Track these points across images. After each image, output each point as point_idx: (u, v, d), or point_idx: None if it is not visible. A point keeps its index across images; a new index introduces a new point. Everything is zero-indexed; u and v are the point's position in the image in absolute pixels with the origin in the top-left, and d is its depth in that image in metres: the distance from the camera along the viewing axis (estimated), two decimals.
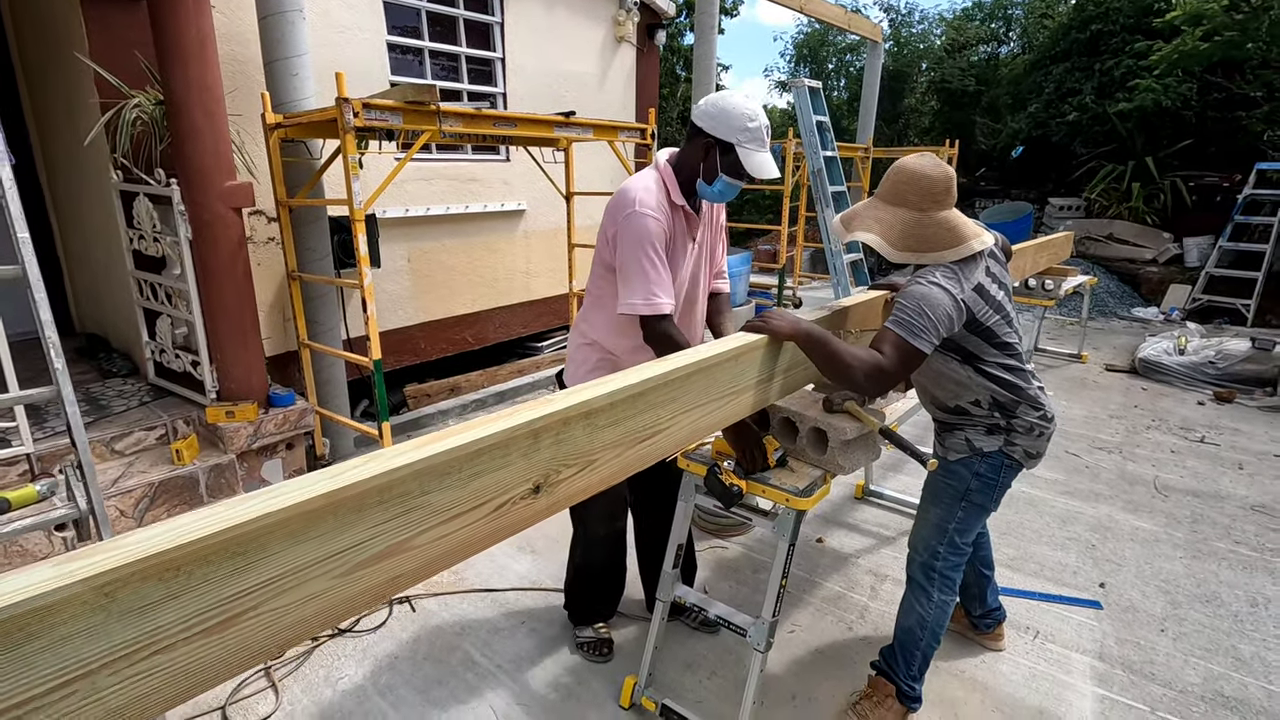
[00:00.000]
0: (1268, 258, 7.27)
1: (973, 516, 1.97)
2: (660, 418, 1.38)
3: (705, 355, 1.45)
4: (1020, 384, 1.86)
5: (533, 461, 1.14)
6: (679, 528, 2.09)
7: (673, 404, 1.41)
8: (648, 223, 1.80)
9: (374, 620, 2.52)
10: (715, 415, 1.56)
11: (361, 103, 2.74)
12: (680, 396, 1.42)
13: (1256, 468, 3.95)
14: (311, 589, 0.88)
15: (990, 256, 1.86)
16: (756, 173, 1.83)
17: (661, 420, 1.38)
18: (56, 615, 0.66)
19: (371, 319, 2.94)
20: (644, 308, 1.79)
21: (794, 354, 1.73)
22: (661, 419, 1.38)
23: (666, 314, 1.81)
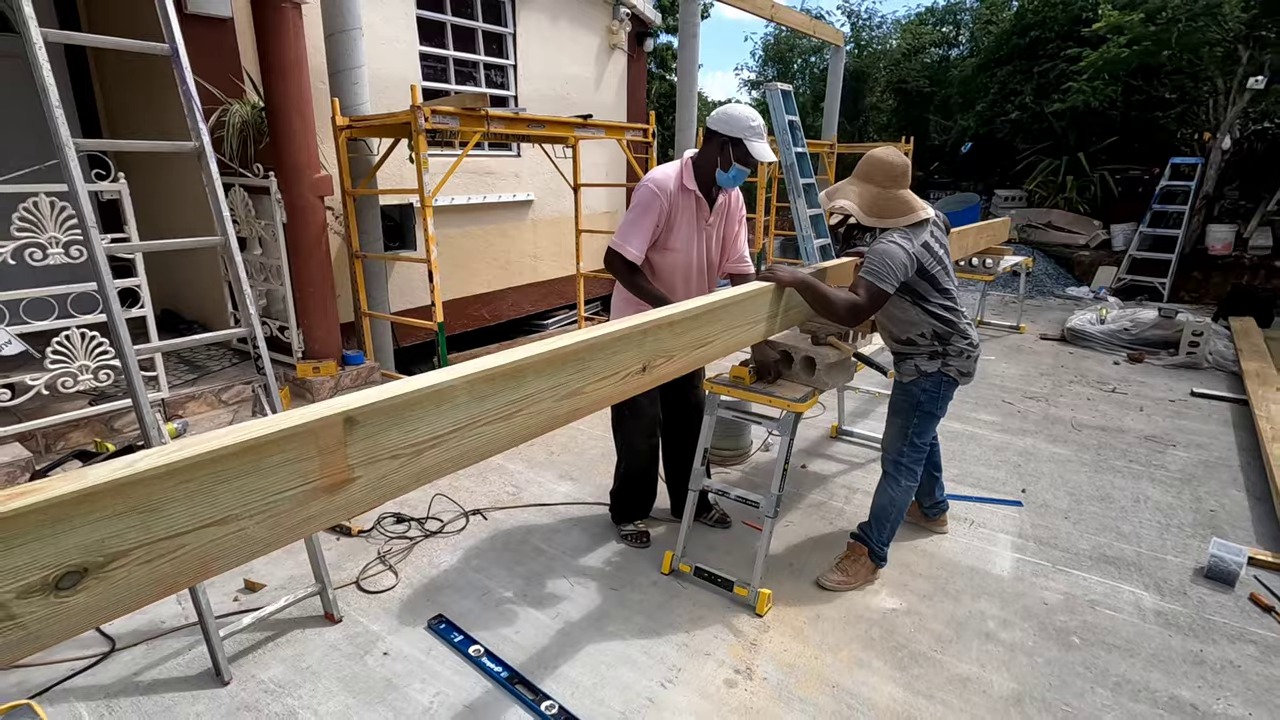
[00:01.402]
0: (1180, 241, 8.27)
1: (926, 422, 2.68)
2: (711, 332, 2.06)
3: (735, 294, 2.13)
4: (954, 319, 2.58)
5: (642, 350, 1.81)
6: (705, 435, 2.77)
7: (718, 324, 2.09)
8: (645, 193, 2.54)
9: (456, 526, 3.15)
10: (743, 335, 2.24)
11: (431, 109, 3.34)
12: (722, 319, 2.10)
13: (1153, 410, 4.81)
14: (543, 405, 1.53)
15: (934, 224, 2.57)
16: (760, 157, 2.55)
17: (712, 334, 2.06)
18: (451, 395, 1.31)
19: (436, 289, 3.55)
20: (618, 242, 2.53)
21: (791, 297, 2.41)
22: (712, 333, 2.06)
23: (624, 256, 2.52)
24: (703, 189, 2.63)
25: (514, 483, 3.60)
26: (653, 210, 2.52)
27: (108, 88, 4.39)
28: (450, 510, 3.28)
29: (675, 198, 2.58)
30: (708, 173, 2.61)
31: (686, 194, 2.61)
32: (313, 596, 2.47)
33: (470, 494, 3.45)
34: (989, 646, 2.42)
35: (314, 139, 3.41)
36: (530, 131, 3.95)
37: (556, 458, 3.91)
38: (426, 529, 3.11)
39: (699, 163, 2.62)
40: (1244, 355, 5.56)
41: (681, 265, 2.69)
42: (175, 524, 1.00)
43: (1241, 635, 2.49)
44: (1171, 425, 4.53)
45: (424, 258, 3.52)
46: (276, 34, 3.15)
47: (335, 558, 2.89)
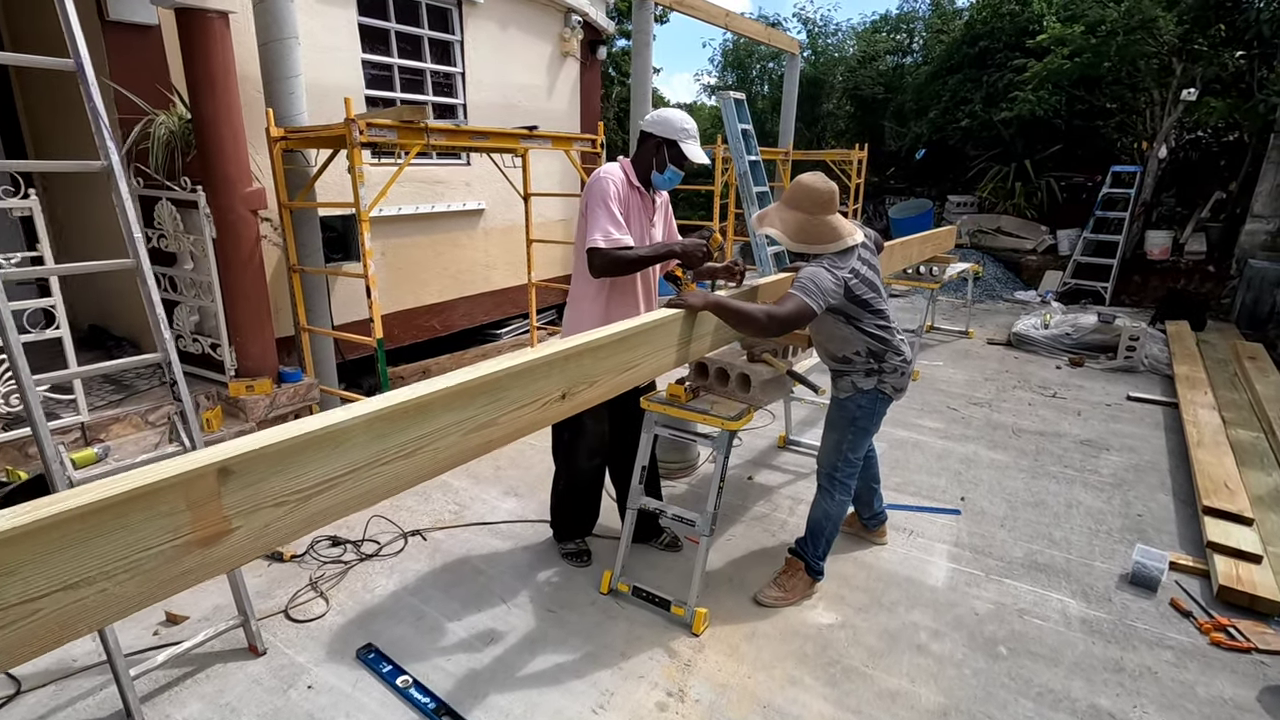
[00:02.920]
0: (1120, 247, 8.55)
1: (860, 437, 2.71)
2: (635, 356, 2.05)
3: (656, 319, 2.13)
4: (887, 338, 2.61)
5: (560, 378, 1.79)
6: (643, 452, 2.76)
7: (643, 347, 2.09)
8: (607, 183, 2.51)
9: (393, 548, 3.09)
10: (668, 358, 2.24)
11: (366, 121, 3.28)
12: (648, 343, 2.10)
13: (1090, 414, 4.96)
14: (451, 440, 1.50)
15: (863, 247, 2.60)
16: (696, 159, 2.60)
17: (636, 358, 2.06)
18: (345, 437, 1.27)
19: (374, 303, 3.47)
20: (603, 241, 2.43)
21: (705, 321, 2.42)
22: (636, 357, 2.05)
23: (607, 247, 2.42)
24: (644, 186, 2.66)
25: (457, 500, 3.55)
26: (611, 196, 2.50)
27: (32, 105, 4.22)
28: (389, 531, 3.22)
29: (626, 191, 2.58)
30: (645, 173, 2.64)
31: (634, 190, 2.63)
32: (236, 629, 2.39)
33: (411, 514, 3.39)
34: (920, 659, 2.46)
35: (245, 151, 3.31)
36: (474, 144, 3.90)
37: (503, 472, 3.87)
38: (362, 552, 3.04)
39: (636, 163, 2.65)
40: (1176, 359, 5.76)
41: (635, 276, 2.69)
42: (30, 588, 0.95)
43: (1160, 641, 2.58)
44: (1106, 429, 4.67)
45: (361, 272, 3.45)
46: (202, 45, 3.06)
47: (264, 584, 2.81)
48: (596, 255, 2.45)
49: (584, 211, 2.54)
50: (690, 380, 2.85)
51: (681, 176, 2.68)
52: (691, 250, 2.50)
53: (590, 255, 2.46)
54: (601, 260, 2.45)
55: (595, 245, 2.44)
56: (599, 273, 2.48)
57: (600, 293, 2.66)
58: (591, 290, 2.67)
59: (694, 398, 2.71)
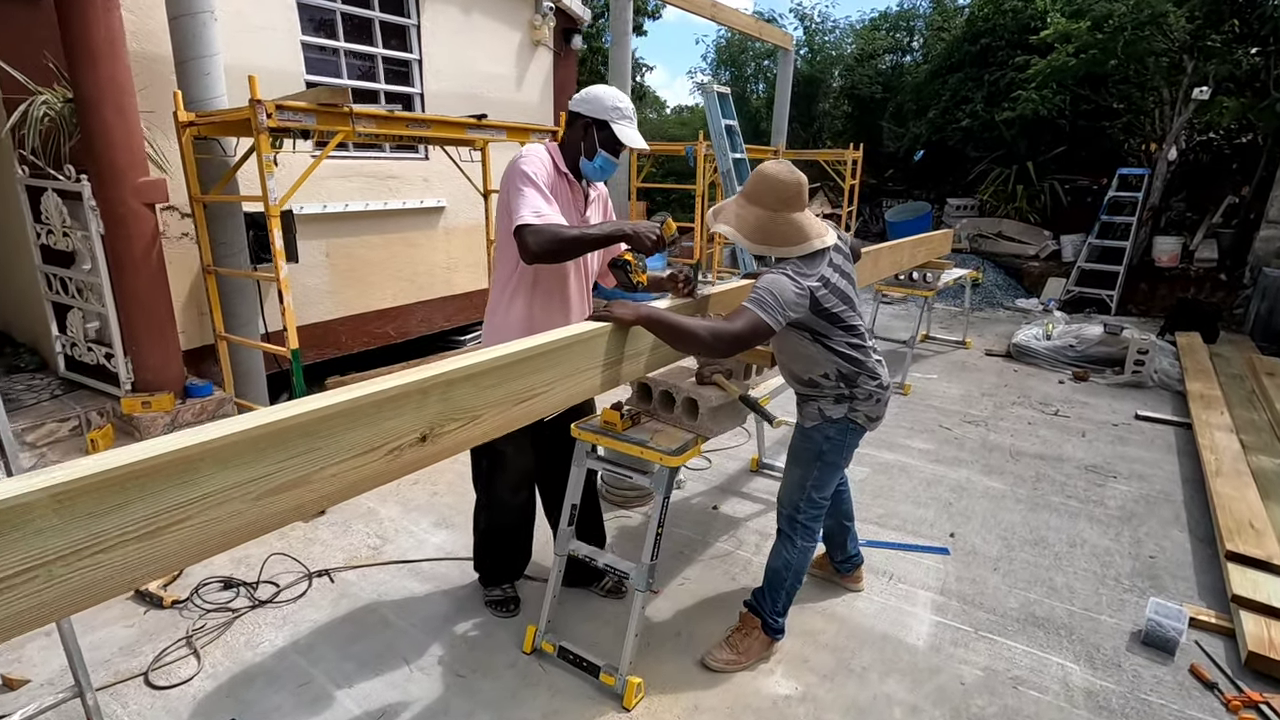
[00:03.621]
0: (1127, 253, 8.14)
1: (827, 474, 2.31)
2: (537, 383, 1.65)
3: (566, 335, 1.72)
4: (861, 358, 2.20)
5: (422, 414, 1.39)
6: (573, 489, 2.36)
7: (552, 370, 1.68)
8: (530, 163, 2.10)
9: (294, 591, 2.69)
10: (588, 382, 1.84)
11: (275, 104, 2.88)
12: (557, 365, 1.70)
13: (1095, 434, 4.55)
14: (230, 509, 1.10)
15: (836, 251, 2.20)
16: (629, 143, 2.19)
17: (538, 385, 1.65)
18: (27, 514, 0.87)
19: (288, 310, 3.08)
20: (531, 216, 1.98)
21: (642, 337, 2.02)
22: (538, 384, 1.65)
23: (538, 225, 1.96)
24: (574, 175, 2.27)
25: (381, 532, 3.15)
26: (540, 178, 2.08)
27: None
28: (293, 571, 2.82)
29: (553, 178, 2.18)
30: (574, 160, 2.24)
31: (561, 176, 2.23)
32: (72, 699, 1.99)
33: (324, 549, 2.99)
34: None
35: (138, 136, 2.92)
36: (411, 132, 3.50)
37: (439, 499, 3.47)
38: (256, 597, 2.64)
39: (564, 147, 2.26)
40: (1189, 375, 5.35)
41: (562, 267, 2.28)
42: None
43: None
44: (1113, 452, 4.26)
45: (272, 275, 3.05)
46: (80, 12, 2.67)
47: (133, 637, 2.41)
48: (530, 234, 1.95)
49: (504, 197, 2.13)
50: (631, 404, 2.45)
51: (616, 166, 2.28)
52: (644, 233, 2.08)
53: (521, 236, 1.96)
54: (537, 239, 1.95)
55: (526, 222, 1.98)
56: (535, 255, 1.98)
57: (521, 297, 2.26)
58: (508, 294, 2.27)
59: (633, 425, 2.31)
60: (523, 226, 1.99)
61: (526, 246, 1.98)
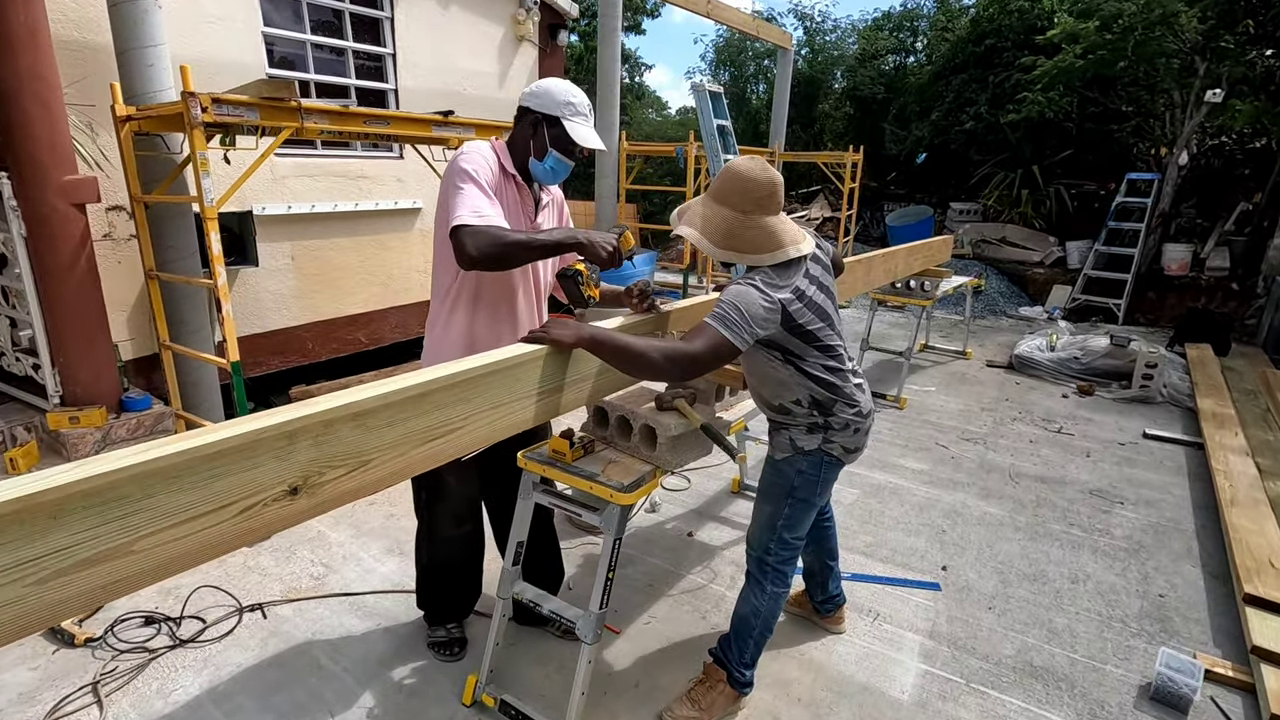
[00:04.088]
0: (1135, 261, 7.87)
1: (800, 512, 2.07)
2: (451, 417, 1.41)
3: (489, 361, 1.49)
4: (838, 383, 1.97)
5: (289, 463, 1.16)
6: (518, 525, 2.13)
7: (465, 404, 1.45)
8: (471, 160, 1.87)
9: (221, 628, 2.46)
10: (517, 415, 1.61)
11: (211, 98, 2.66)
12: (473, 397, 1.46)
13: (1101, 454, 4.29)
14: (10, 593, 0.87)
15: (814, 261, 1.96)
16: (583, 142, 1.95)
17: (453, 420, 1.42)
18: None
19: (228, 319, 2.85)
20: (470, 217, 1.74)
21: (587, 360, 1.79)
22: (453, 418, 1.42)
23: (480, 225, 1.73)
24: (524, 177, 2.03)
25: (327, 559, 2.92)
26: (482, 176, 1.85)
27: None
28: (224, 605, 2.59)
29: (498, 179, 1.95)
30: (522, 160, 2.01)
31: (508, 178, 1.99)
32: None
33: (261, 578, 2.76)
34: None
35: (64, 131, 2.71)
36: (370, 129, 3.28)
37: (395, 521, 3.24)
38: (178, 636, 2.41)
39: (512, 146, 2.03)
40: (1199, 390, 5.09)
41: (508, 278, 2.05)
42: None
43: None
44: (1120, 475, 4.01)
45: (209, 281, 2.83)
46: None
47: (36, 681, 2.19)
48: (467, 236, 1.71)
49: (442, 198, 1.89)
50: (586, 430, 2.22)
51: (569, 168, 2.05)
52: (599, 242, 1.85)
53: (458, 238, 1.72)
54: (476, 242, 1.71)
55: (464, 223, 1.74)
56: (473, 261, 1.72)
57: (462, 311, 2.03)
58: (447, 307, 2.05)
59: (585, 455, 2.07)
60: (460, 228, 1.74)
61: (464, 250, 1.73)
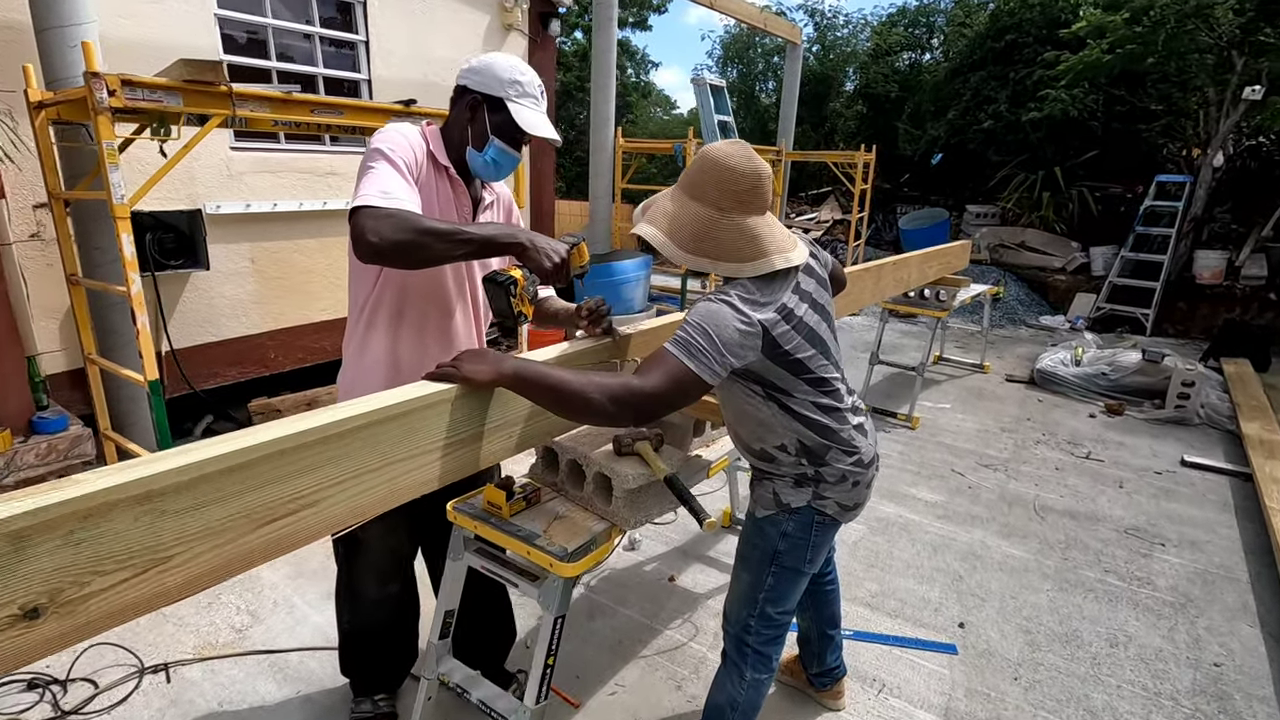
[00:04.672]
0: (1165, 268, 7.42)
1: (785, 583, 1.69)
2: (299, 490, 1.05)
3: (373, 407, 1.13)
4: (832, 425, 1.59)
5: (23, 573, 0.80)
6: (447, 592, 1.77)
7: (331, 467, 1.09)
8: (389, 139, 1.51)
9: (114, 695, 2.11)
10: (412, 477, 1.24)
11: (120, 79, 2.32)
12: (344, 457, 1.10)
13: (1135, 485, 3.87)
14: None
15: (807, 274, 1.59)
16: (531, 130, 1.59)
17: (301, 493, 1.06)
18: None
19: (143, 332, 2.51)
20: (377, 197, 1.37)
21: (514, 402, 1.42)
22: (299, 492, 1.05)
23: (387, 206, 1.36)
24: (460, 172, 1.67)
25: (254, 606, 2.57)
26: (400, 156, 1.49)
27: None
28: (124, 664, 2.24)
29: (426, 170, 1.59)
30: (459, 150, 1.65)
31: (439, 171, 1.64)
32: None
33: (175, 630, 2.41)
34: None
35: None
36: (318, 119, 2.94)
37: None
38: (60, 705, 2.07)
39: (447, 133, 1.67)
40: (1242, 412, 4.65)
41: (440, 289, 1.69)
42: None
43: None
44: (1158, 510, 3.59)
45: (122, 289, 2.49)
46: None
47: None
48: (369, 218, 1.34)
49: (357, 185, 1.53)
50: (534, 474, 1.85)
51: (515, 160, 1.69)
52: (545, 249, 1.46)
53: (358, 221, 1.35)
54: (379, 226, 1.32)
55: (368, 203, 1.36)
56: (374, 250, 1.32)
57: (381, 329, 1.69)
58: (362, 325, 1.70)
59: (527, 507, 1.71)
60: (361, 209, 1.36)
61: (362, 237, 1.33)
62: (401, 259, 1.39)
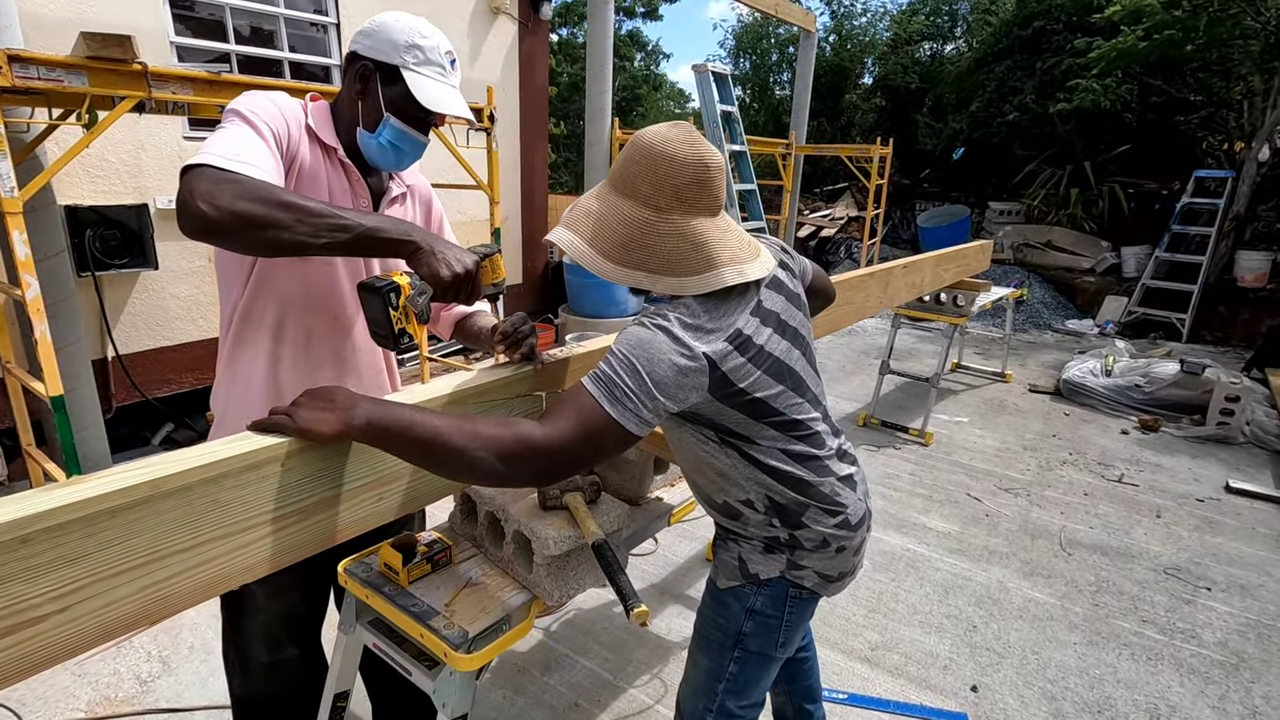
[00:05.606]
0: (1204, 270, 6.93)
1: (751, 670, 1.36)
2: (80, 576, 0.74)
3: (185, 466, 0.81)
4: (809, 478, 1.25)
5: None
6: (338, 669, 1.45)
7: (69, 567, 0.77)
8: (254, 102, 1.20)
9: None
10: (222, 567, 0.92)
11: (8, 55, 2.03)
12: (90, 551, 0.78)
13: (1174, 515, 3.47)
14: None
15: (774, 289, 1.24)
16: (432, 105, 1.27)
17: (29, 604, 0.74)
18: None
19: (43, 342, 2.22)
20: (222, 156, 1.05)
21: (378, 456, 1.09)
22: (86, 574, 0.74)
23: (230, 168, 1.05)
24: (351, 153, 1.35)
25: (168, 651, 2.28)
26: (265, 119, 1.18)
27: None
28: None
29: (306, 146, 1.28)
30: (349, 129, 1.34)
31: (326, 153, 1.32)
32: None
33: (70, 681, 2.13)
34: None
35: None
36: None
37: None
38: None
39: (336, 112, 1.35)
40: None
41: (329, 298, 1.37)
42: None
43: None
44: (1201, 545, 3.20)
45: (18, 293, 2.20)
46: None
47: None
48: (204, 180, 1.01)
49: None
50: (453, 526, 1.53)
51: (420, 145, 1.37)
52: (443, 256, 1.12)
53: (186, 183, 1.02)
54: (216, 191, 1.00)
55: (205, 161, 1.04)
56: (205, 222, 0.99)
57: (256, 348, 1.37)
58: (230, 341, 1.38)
59: (432, 571, 1.39)
60: (195, 167, 1.03)
61: (190, 202, 0.99)
62: (241, 238, 1.02)
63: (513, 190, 5.47)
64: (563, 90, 13.01)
